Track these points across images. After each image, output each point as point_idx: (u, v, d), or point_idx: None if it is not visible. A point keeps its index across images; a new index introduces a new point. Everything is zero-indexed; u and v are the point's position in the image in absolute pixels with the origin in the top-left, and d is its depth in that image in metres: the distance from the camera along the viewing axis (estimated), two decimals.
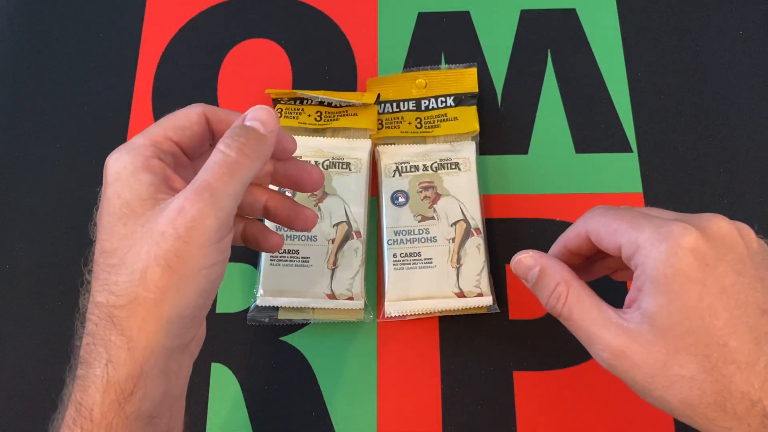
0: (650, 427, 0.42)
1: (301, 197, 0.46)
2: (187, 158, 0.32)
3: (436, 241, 0.45)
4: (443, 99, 0.49)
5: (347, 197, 0.46)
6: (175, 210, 0.27)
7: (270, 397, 0.43)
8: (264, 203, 0.35)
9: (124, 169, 0.29)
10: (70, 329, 0.32)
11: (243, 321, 0.45)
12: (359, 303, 0.44)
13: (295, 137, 0.47)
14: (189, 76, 0.52)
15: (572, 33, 0.52)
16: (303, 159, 0.47)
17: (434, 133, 0.48)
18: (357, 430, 0.42)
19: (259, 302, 0.44)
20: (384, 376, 0.44)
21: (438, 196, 0.46)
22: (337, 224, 0.45)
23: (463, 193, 0.46)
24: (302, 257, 0.44)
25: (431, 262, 0.44)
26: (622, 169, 0.48)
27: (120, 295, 0.27)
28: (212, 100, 0.51)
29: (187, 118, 0.31)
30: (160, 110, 0.51)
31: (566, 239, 0.34)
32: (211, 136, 0.32)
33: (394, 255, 0.44)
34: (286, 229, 0.44)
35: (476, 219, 0.45)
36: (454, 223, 0.45)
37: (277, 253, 0.44)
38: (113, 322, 0.27)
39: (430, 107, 0.49)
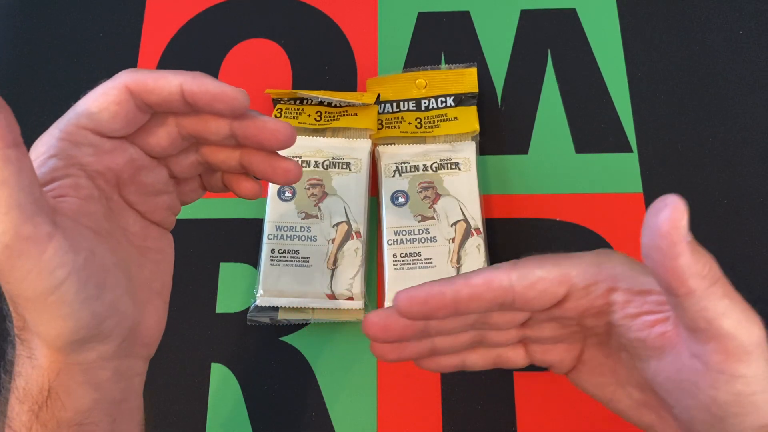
0: None
1: (300, 196, 0.46)
2: (112, 140, 0.28)
3: (436, 241, 0.45)
4: (443, 99, 0.49)
5: (347, 197, 0.46)
6: None
7: (270, 397, 0.43)
8: (238, 160, 0.31)
9: None
10: None
11: (243, 321, 0.45)
12: (359, 303, 0.44)
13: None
14: None
15: (572, 33, 0.52)
16: (302, 159, 0.47)
17: (434, 133, 0.48)
18: (357, 430, 0.42)
19: (259, 302, 0.44)
20: (384, 376, 0.43)
21: (438, 196, 0.46)
22: (337, 224, 0.45)
23: (463, 193, 0.46)
24: (302, 257, 0.44)
25: (431, 262, 0.44)
26: (622, 169, 0.48)
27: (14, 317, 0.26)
28: None
29: (104, 97, 0.27)
30: None
31: (469, 285, 0.27)
32: (148, 108, 0.28)
33: (394, 255, 0.44)
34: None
35: (476, 219, 0.45)
36: (454, 223, 0.45)
37: (277, 253, 0.44)
38: (20, 338, 0.27)
39: (430, 107, 0.49)
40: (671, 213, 0.23)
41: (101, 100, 0.27)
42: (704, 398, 0.24)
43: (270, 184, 0.46)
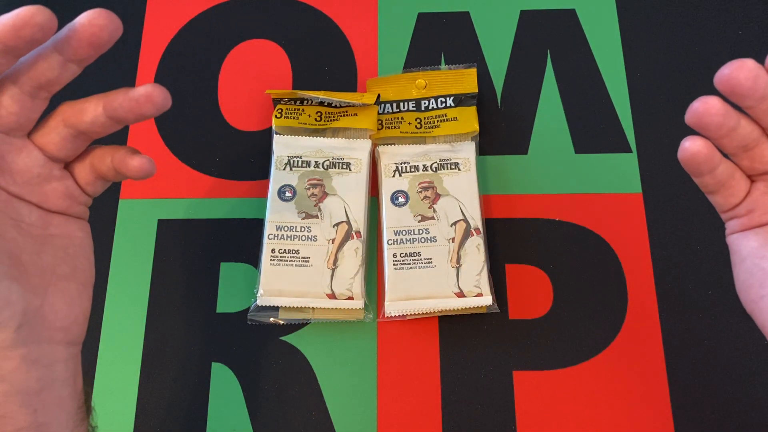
0: (649, 427, 0.42)
1: (301, 196, 0.46)
2: None
3: (436, 241, 0.45)
4: (443, 99, 0.49)
5: (347, 197, 0.46)
6: None
7: (270, 397, 0.43)
8: (103, 113, 0.29)
9: None
10: None
11: (243, 321, 0.45)
12: (359, 303, 0.44)
13: (296, 137, 0.48)
14: (189, 76, 0.52)
15: (572, 33, 0.52)
16: (303, 159, 0.47)
17: (434, 133, 0.48)
18: (357, 430, 0.42)
19: (259, 302, 0.44)
20: (384, 376, 0.44)
21: (438, 196, 0.46)
22: (337, 224, 0.45)
23: (462, 193, 0.46)
24: (302, 257, 0.44)
25: (431, 262, 0.44)
26: (622, 169, 0.48)
27: None
28: (212, 100, 0.51)
29: None
30: None
31: None
32: None
33: (394, 255, 0.44)
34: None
35: (476, 219, 0.45)
36: (454, 223, 0.45)
37: (277, 253, 0.44)
38: None
39: (430, 107, 0.49)
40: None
41: None
42: None
43: (270, 185, 0.46)
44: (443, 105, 0.49)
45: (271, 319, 0.44)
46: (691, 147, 0.30)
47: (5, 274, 0.26)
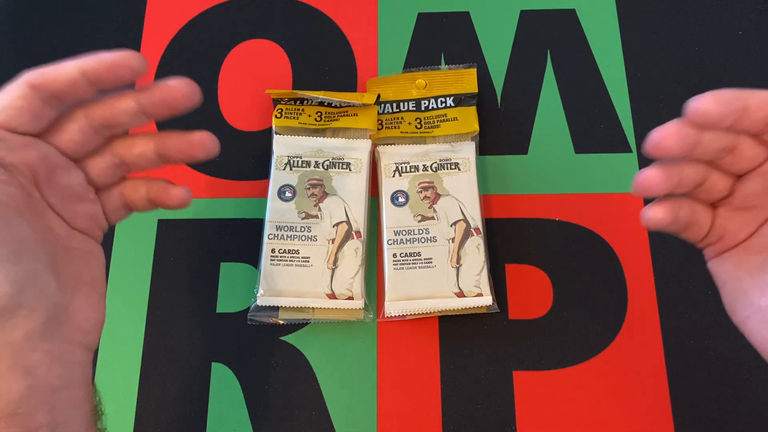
0: (649, 427, 0.42)
1: (300, 196, 0.46)
2: (23, 136, 0.30)
3: (436, 241, 0.45)
4: (443, 99, 0.49)
5: (347, 197, 0.46)
6: None
7: (270, 397, 0.43)
8: (154, 149, 0.32)
9: None
10: None
11: (243, 321, 0.45)
12: (359, 303, 0.44)
13: (296, 137, 0.48)
14: (189, 76, 0.52)
15: (572, 33, 0.52)
16: (303, 159, 0.47)
17: (434, 133, 0.48)
18: (357, 430, 0.42)
19: (259, 302, 0.44)
20: (384, 376, 0.44)
21: (438, 196, 0.46)
22: (337, 224, 0.45)
23: (462, 193, 0.46)
24: (302, 257, 0.44)
25: (431, 262, 0.44)
26: (622, 169, 0.48)
27: None
28: (212, 100, 0.51)
29: (7, 95, 0.29)
30: None
31: (758, 96, 0.28)
32: (53, 100, 0.30)
33: (394, 255, 0.44)
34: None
35: (476, 219, 0.45)
36: (454, 223, 0.45)
37: (277, 253, 0.44)
38: None
39: (430, 107, 0.49)
40: None
41: (5, 97, 0.29)
42: None
43: (270, 185, 0.46)
44: (443, 105, 0.49)
45: (271, 319, 0.44)
46: (653, 216, 0.31)
47: (47, 266, 0.28)
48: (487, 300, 0.43)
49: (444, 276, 0.44)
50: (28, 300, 0.27)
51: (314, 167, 0.47)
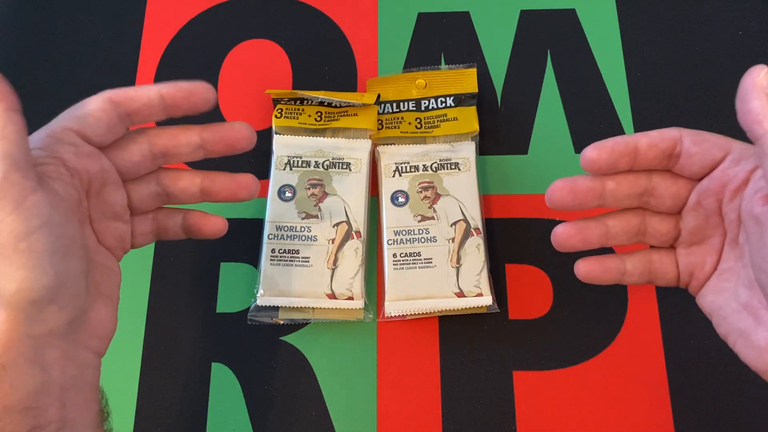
0: (649, 427, 0.42)
1: (300, 196, 0.46)
2: (91, 146, 0.32)
3: (436, 241, 0.45)
4: (443, 99, 0.49)
5: (347, 197, 0.46)
6: None
7: (270, 397, 0.43)
8: (200, 185, 0.35)
9: None
10: None
11: (243, 321, 0.45)
12: (359, 303, 0.44)
13: (296, 137, 0.48)
14: (189, 76, 0.52)
15: (572, 33, 0.52)
16: (303, 159, 0.47)
17: (434, 133, 0.48)
18: (357, 430, 0.42)
19: (259, 302, 0.44)
20: (384, 376, 0.44)
21: (438, 196, 0.46)
22: (337, 224, 0.45)
23: (462, 193, 0.46)
24: (302, 257, 0.44)
25: (431, 262, 0.44)
26: None
27: None
28: None
29: (89, 105, 0.31)
30: None
31: (648, 136, 0.32)
32: (126, 118, 0.32)
33: (394, 255, 0.44)
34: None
35: (476, 219, 0.45)
36: (454, 223, 0.45)
37: (277, 253, 0.44)
38: None
39: (430, 107, 0.49)
40: (752, 70, 0.28)
41: (88, 107, 0.31)
42: None
43: (270, 185, 0.46)
44: (443, 105, 0.49)
45: (271, 319, 0.44)
46: (583, 270, 0.35)
47: (84, 271, 0.29)
48: (487, 300, 0.43)
49: (444, 276, 0.44)
50: (62, 298, 0.28)
51: (314, 167, 0.47)
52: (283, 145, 0.47)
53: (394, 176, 0.47)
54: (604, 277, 0.35)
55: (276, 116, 0.48)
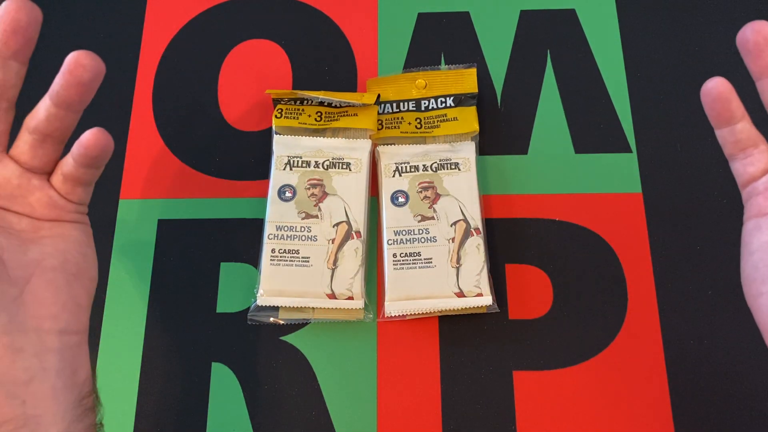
0: (649, 427, 0.42)
1: (300, 196, 0.46)
2: None
3: (436, 241, 0.45)
4: (443, 99, 0.49)
5: (347, 197, 0.46)
6: None
7: (270, 397, 0.43)
8: (49, 95, 0.31)
9: None
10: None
11: (243, 321, 0.45)
12: (359, 303, 0.44)
13: (296, 137, 0.48)
14: (189, 76, 0.52)
15: (571, 33, 0.52)
16: (303, 159, 0.47)
17: (434, 133, 0.48)
18: (357, 430, 0.42)
19: (259, 302, 0.44)
20: (384, 376, 0.44)
21: (438, 196, 0.46)
22: (337, 224, 0.45)
23: (462, 193, 0.46)
24: (302, 257, 0.44)
25: (431, 262, 0.44)
26: (622, 169, 0.48)
27: None
28: (212, 100, 0.51)
29: None
30: (160, 110, 0.51)
31: None
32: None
33: (394, 255, 0.44)
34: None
35: (476, 219, 0.45)
36: (454, 223, 0.45)
37: (277, 253, 0.44)
38: None
39: (430, 107, 0.49)
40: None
41: None
42: None
43: (270, 185, 0.46)
44: (443, 105, 0.49)
45: (271, 319, 0.44)
46: (711, 84, 0.32)
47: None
48: (487, 300, 0.43)
49: (444, 276, 0.44)
50: None
51: (314, 167, 0.47)
52: (283, 145, 0.47)
53: (394, 176, 0.47)
54: (726, 106, 0.33)
55: (276, 116, 0.48)
